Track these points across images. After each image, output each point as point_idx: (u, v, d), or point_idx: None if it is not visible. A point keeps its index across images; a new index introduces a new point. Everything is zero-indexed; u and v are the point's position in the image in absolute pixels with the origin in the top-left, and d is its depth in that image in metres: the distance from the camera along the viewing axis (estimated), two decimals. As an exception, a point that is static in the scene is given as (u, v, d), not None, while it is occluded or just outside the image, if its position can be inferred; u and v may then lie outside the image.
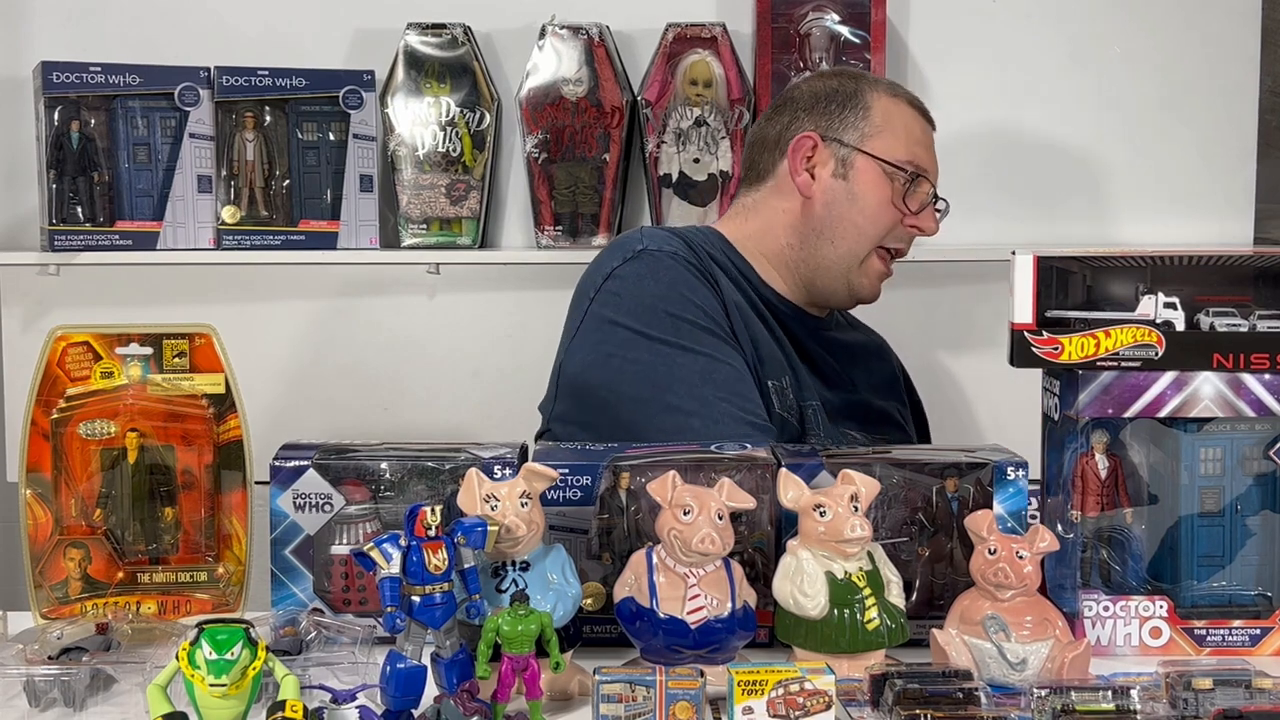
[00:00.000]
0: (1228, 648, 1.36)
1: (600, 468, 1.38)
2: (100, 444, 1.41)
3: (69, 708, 1.21)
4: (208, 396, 1.43)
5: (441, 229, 2.38)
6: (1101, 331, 1.34)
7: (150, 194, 2.34)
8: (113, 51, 2.33)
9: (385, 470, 1.40)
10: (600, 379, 1.74)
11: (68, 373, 1.40)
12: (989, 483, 1.38)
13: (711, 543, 1.23)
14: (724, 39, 2.29)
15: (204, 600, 1.42)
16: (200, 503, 1.43)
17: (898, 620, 1.28)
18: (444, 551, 1.16)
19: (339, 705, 1.14)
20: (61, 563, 1.40)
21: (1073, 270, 1.38)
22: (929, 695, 1.15)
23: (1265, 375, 1.35)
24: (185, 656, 1.06)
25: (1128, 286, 1.38)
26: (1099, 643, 1.36)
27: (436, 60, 2.36)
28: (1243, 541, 1.39)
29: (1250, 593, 1.39)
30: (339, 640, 1.30)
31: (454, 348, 2.41)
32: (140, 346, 1.42)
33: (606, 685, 1.12)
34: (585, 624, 1.33)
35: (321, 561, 1.39)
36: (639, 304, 1.74)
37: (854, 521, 1.25)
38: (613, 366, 1.72)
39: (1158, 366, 1.34)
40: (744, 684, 1.11)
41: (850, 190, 1.84)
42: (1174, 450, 1.39)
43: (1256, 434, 1.38)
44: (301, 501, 1.38)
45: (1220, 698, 1.16)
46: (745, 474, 1.36)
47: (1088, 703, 1.14)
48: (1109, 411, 1.36)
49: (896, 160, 1.84)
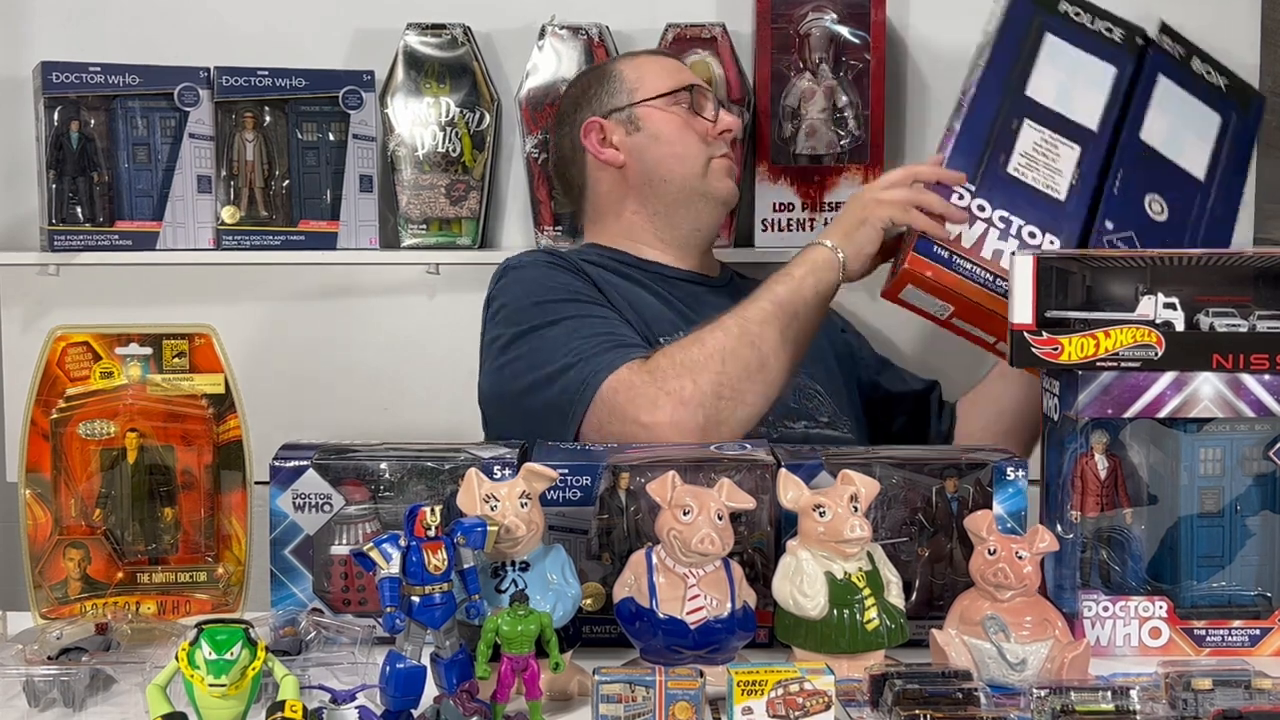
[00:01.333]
0: (1227, 648, 1.36)
1: (600, 468, 1.38)
2: (100, 444, 1.41)
3: (68, 708, 1.21)
4: (207, 396, 1.43)
5: (441, 229, 2.37)
6: (1101, 332, 1.34)
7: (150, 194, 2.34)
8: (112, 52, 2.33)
9: (385, 470, 1.40)
10: (499, 391, 1.79)
11: (67, 373, 1.40)
12: (988, 483, 1.38)
13: (711, 543, 1.22)
14: (724, 39, 2.29)
15: (203, 600, 1.42)
16: (200, 503, 1.43)
17: (897, 620, 1.28)
18: (444, 552, 1.16)
19: (338, 705, 1.14)
20: (61, 563, 1.40)
21: (1072, 270, 1.38)
22: (928, 696, 1.15)
23: (1265, 376, 1.35)
24: (185, 657, 1.06)
25: (1127, 287, 1.38)
26: (1098, 643, 1.36)
27: (436, 60, 2.35)
28: (1242, 542, 1.39)
29: (1250, 593, 1.39)
30: (338, 640, 1.30)
31: (454, 348, 2.40)
32: (140, 346, 1.42)
33: (606, 685, 1.12)
34: (585, 624, 1.33)
35: (321, 562, 1.39)
36: (509, 311, 1.81)
37: (853, 522, 1.25)
38: (504, 375, 1.77)
39: (1157, 367, 1.34)
40: (743, 684, 1.11)
41: (648, 135, 1.98)
42: (1174, 450, 1.39)
43: (1256, 434, 1.38)
44: (301, 502, 1.38)
45: (1220, 698, 1.16)
46: (745, 474, 1.36)
47: (1087, 703, 1.14)
48: (1109, 412, 1.36)
49: (666, 90, 1.98)
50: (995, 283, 1.62)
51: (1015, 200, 1.66)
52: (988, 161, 1.68)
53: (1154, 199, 1.71)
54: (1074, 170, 1.69)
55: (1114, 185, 1.69)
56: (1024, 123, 1.70)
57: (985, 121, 1.70)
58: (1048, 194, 1.67)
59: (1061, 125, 1.71)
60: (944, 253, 1.64)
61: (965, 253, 1.64)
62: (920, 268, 1.64)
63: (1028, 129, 1.70)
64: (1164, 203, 1.72)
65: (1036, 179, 1.67)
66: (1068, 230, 1.66)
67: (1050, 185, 1.67)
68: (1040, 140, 1.70)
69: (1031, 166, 1.68)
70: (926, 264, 1.64)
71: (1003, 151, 1.68)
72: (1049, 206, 1.67)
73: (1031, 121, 1.70)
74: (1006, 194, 1.66)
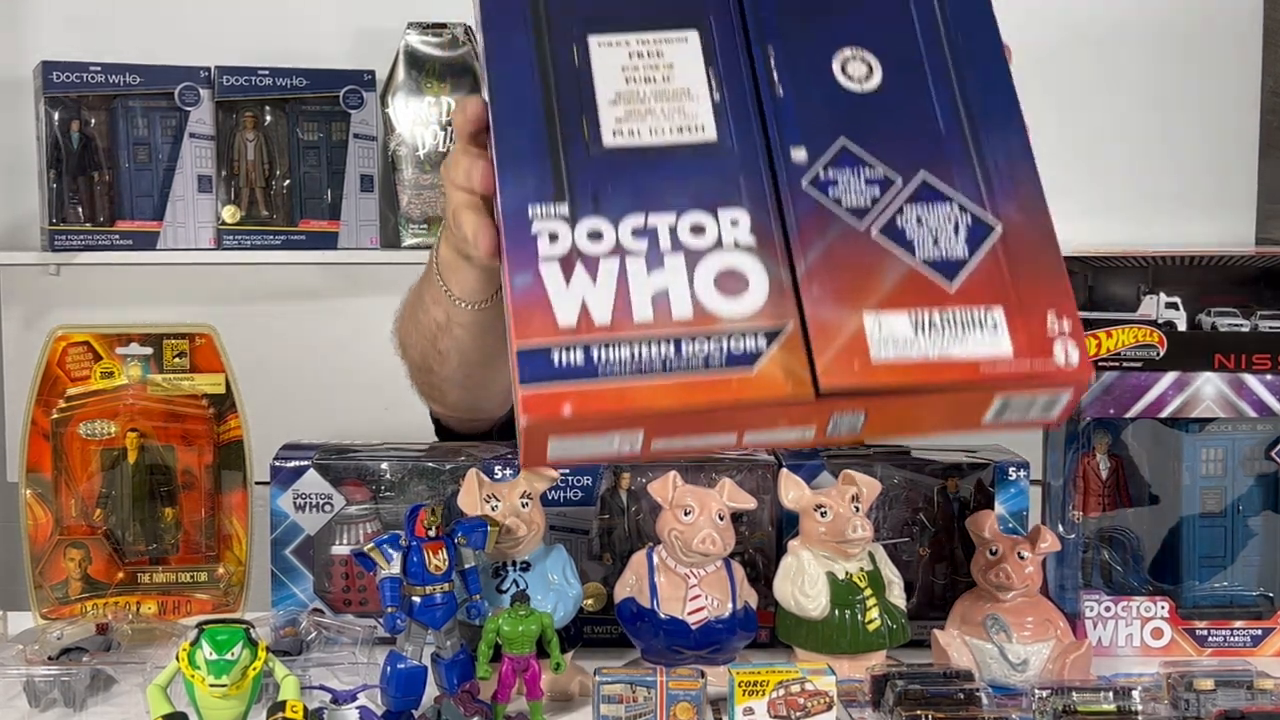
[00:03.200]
0: (1229, 648, 1.36)
1: (601, 468, 1.37)
2: (100, 444, 1.41)
3: (69, 708, 1.20)
4: (208, 396, 1.43)
5: (442, 229, 2.38)
6: (1103, 332, 1.34)
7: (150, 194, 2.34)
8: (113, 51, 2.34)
9: (386, 470, 1.40)
10: None
11: (68, 373, 1.40)
12: (990, 483, 1.38)
13: (712, 543, 1.22)
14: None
15: (204, 600, 1.42)
16: (200, 503, 1.43)
17: (899, 621, 1.28)
18: (444, 552, 1.15)
19: (339, 706, 1.13)
20: (61, 563, 1.40)
21: (1074, 270, 1.37)
22: (930, 696, 1.15)
23: (1267, 375, 1.35)
24: (185, 657, 1.06)
25: (1129, 286, 1.38)
26: (1100, 643, 1.35)
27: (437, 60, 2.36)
28: (1244, 542, 1.39)
29: (1251, 593, 1.39)
30: (339, 641, 1.30)
31: (454, 348, 2.41)
32: (140, 346, 1.42)
33: (607, 686, 1.12)
34: (586, 624, 1.33)
35: (322, 562, 1.39)
36: None
37: (855, 522, 1.25)
38: None
39: (1159, 367, 1.34)
40: (745, 685, 1.11)
41: None
42: (1175, 450, 1.39)
43: (1258, 434, 1.38)
44: (302, 502, 1.38)
45: (1222, 698, 1.16)
46: (746, 474, 1.36)
47: (1089, 703, 1.14)
48: (1110, 412, 1.36)
49: None
50: (683, 358, 0.84)
51: (642, 186, 0.90)
52: (565, 149, 0.91)
53: (850, 57, 0.94)
54: (704, 77, 0.93)
55: (771, 72, 0.93)
56: (589, 43, 0.94)
57: (525, 85, 0.92)
58: (687, 144, 0.91)
59: (649, 12, 0.95)
60: (568, 356, 0.84)
61: (605, 332, 0.85)
62: (546, 409, 0.83)
63: (601, 52, 0.93)
64: (870, 59, 0.95)
65: (657, 128, 0.92)
66: (747, 188, 0.90)
67: (684, 127, 0.92)
68: (629, 58, 0.94)
69: (637, 112, 0.92)
70: (552, 394, 0.84)
71: (578, 116, 0.92)
72: (699, 164, 0.91)
73: (600, 34, 0.94)
74: (622, 184, 0.90)
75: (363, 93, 2.33)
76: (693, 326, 0.85)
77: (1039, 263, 0.88)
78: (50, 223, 2.28)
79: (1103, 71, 2.48)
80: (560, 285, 0.86)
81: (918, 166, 0.89)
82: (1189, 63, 2.47)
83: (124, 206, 2.32)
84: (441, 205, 2.34)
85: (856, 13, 0.95)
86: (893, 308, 0.85)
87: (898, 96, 0.92)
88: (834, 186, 0.89)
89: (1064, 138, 2.48)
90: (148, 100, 2.32)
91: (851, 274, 0.86)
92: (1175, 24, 2.46)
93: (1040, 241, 0.89)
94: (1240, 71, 2.47)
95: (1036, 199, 0.90)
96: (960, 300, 0.86)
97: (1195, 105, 2.48)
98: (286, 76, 2.33)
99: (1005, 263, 0.87)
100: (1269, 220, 2.57)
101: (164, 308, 2.36)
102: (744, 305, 0.85)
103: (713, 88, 0.92)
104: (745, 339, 0.85)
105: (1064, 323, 0.86)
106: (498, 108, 0.92)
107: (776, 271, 0.86)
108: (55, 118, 2.28)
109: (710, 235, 0.88)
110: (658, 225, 0.88)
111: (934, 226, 0.88)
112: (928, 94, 0.92)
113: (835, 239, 0.87)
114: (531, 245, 0.87)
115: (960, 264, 0.87)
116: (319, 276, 2.40)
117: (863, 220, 0.88)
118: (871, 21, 0.94)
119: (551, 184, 0.89)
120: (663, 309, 0.85)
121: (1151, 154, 2.50)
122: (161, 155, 2.32)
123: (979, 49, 0.94)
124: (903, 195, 0.88)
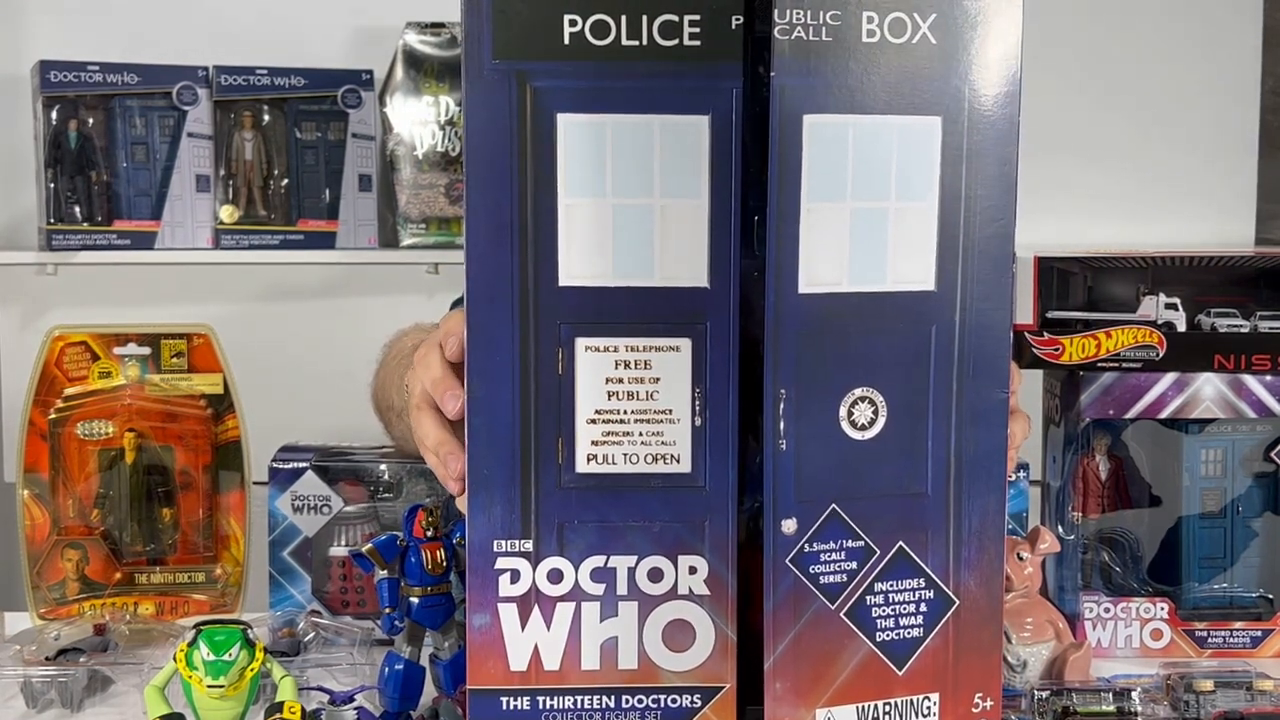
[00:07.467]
0: (1229, 650, 1.36)
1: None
2: (98, 444, 1.41)
3: (66, 709, 1.20)
4: (206, 397, 1.43)
5: (440, 229, 2.37)
6: (1102, 332, 1.34)
7: (148, 193, 2.34)
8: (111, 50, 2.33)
9: (384, 471, 1.40)
10: None
11: (65, 373, 1.40)
12: (989, 484, 1.38)
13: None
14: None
15: (202, 601, 1.42)
16: (198, 503, 1.43)
17: (898, 622, 1.27)
18: (443, 552, 1.15)
19: (337, 706, 1.13)
20: (59, 563, 1.39)
21: (1073, 271, 1.38)
22: (929, 697, 1.15)
23: (1266, 376, 1.34)
24: (183, 657, 1.06)
25: (1128, 287, 1.38)
26: (1100, 644, 1.35)
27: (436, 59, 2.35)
28: (1244, 543, 1.39)
29: (1251, 594, 1.39)
30: (337, 641, 1.30)
31: (453, 348, 2.41)
32: (138, 346, 1.41)
33: (606, 687, 1.12)
34: (584, 625, 1.32)
35: (320, 563, 1.39)
36: None
37: (854, 523, 1.25)
38: None
39: (1159, 367, 1.34)
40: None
41: None
42: (1175, 451, 1.38)
43: (1258, 435, 1.38)
44: (300, 503, 1.38)
45: (1221, 700, 1.16)
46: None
47: (1089, 704, 1.14)
48: (1110, 413, 1.35)
49: None
50: (621, 711, 0.87)
51: (607, 522, 0.86)
52: (537, 475, 0.85)
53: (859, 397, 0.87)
54: (689, 398, 0.85)
55: (779, 422, 0.85)
56: (575, 347, 0.84)
57: (503, 403, 0.84)
58: (660, 474, 0.86)
59: (645, 311, 0.84)
60: (515, 702, 0.87)
61: (553, 679, 0.87)
62: None
63: (588, 358, 0.85)
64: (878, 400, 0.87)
65: (632, 454, 0.85)
66: (711, 532, 0.86)
67: (659, 456, 0.86)
68: (614, 367, 0.85)
69: (614, 435, 0.85)
70: None
71: (554, 436, 0.85)
72: (667, 498, 0.86)
73: (589, 338, 0.84)
74: (588, 519, 0.86)
75: (361, 92, 2.33)
76: (635, 679, 0.87)
77: (980, 638, 0.91)
78: (47, 222, 2.28)
79: (1102, 71, 2.48)
80: (516, 629, 0.87)
81: (896, 537, 0.89)
82: (1189, 62, 2.47)
83: (121, 206, 2.32)
84: (440, 205, 2.34)
85: (877, 345, 0.87)
86: (843, 702, 0.88)
87: (898, 445, 0.88)
88: (816, 563, 0.87)
89: (1064, 137, 2.48)
90: (145, 99, 2.32)
91: (814, 666, 0.88)
92: (1175, 23, 2.46)
93: (987, 614, 0.91)
94: (1240, 71, 2.47)
95: (995, 567, 0.91)
96: (905, 688, 0.90)
97: (1195, 105, 2.48)
98: (284, 76, 2.33)
99: (953, 640, 0.90)
100: (1269, 220, 2.57)
101: (162, 308, 2.36)
102: (686, 660, 0.87)
103: (695, 411, 0.86)
104: (682, 696, 0.88)
105: (986, 703, 0.91)
106: (474, 425, 0.85)
107: (724, 627, 0.87)
108: (53, 117, 2.27)
109: (667, 582, 0.87)
110: (617, 567, 0.87)
111: (899, 603, 0.90)
112: (925, 440, 0.88)
113: (806, 625, 0.88)
114: (493, 584, 0.86)
115: (915, 645, 0.90)
116: (317, 276, 2.40)
117: (835, 600, 0.88)
118: (888, 357, 0.87)
119: (519, 519, 0.86)
120: (609, 659, 0.87)
121: (1151, 154, 2.50)
122: (159, 155, 2.32)
123: (985, 388, 0.89)
124: (878, 569, 0.89)
